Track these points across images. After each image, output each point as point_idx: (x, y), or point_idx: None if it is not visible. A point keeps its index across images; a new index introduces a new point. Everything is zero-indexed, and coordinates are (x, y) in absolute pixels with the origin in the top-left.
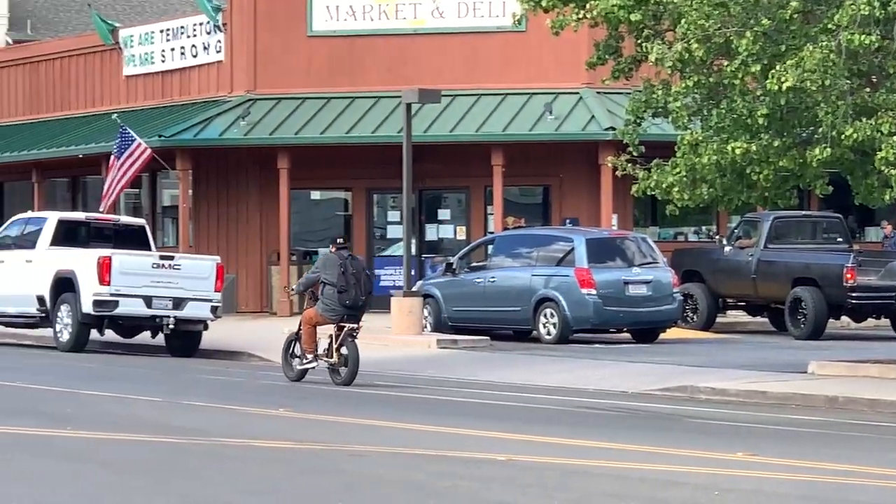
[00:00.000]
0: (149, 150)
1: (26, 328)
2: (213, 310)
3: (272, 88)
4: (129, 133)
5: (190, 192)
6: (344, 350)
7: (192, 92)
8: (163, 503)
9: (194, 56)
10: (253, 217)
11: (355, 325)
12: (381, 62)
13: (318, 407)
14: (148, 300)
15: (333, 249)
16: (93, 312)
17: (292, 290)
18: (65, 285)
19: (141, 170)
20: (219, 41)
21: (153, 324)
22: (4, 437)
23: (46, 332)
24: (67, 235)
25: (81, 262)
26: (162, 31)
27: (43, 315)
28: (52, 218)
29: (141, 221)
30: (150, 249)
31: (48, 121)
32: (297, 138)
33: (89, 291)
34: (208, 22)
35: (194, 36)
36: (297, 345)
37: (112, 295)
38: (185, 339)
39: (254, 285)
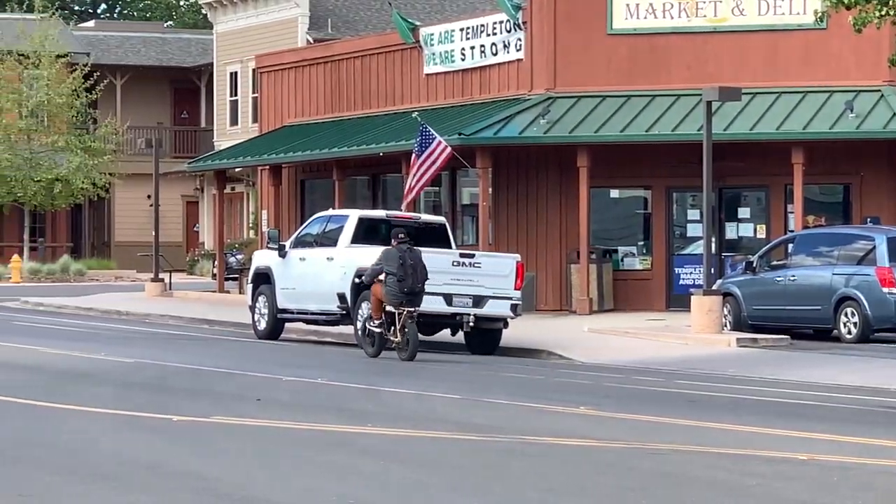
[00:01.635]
0: (449, 149)
1: (327, 325)
2: (513, 308)
3: (572, 86)
4: (429, 131)
5: (490, 190)
6: (406, 331)
7: (492, 90)
8: (466, 500)
9: (494, 54)
10: (552, 215)
11: (413, 309)
12: (681, 60)
13: (619, 405)
14: (448, 298)
15: (395, 244)
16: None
17: (362, 280)
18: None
19: (441, 168)
20: (519, 39)
21: (453, 321)
22: (308, 433)
23: (347, 329)
24: (368, 233)
25: None
26: (462, 30)
27: (344, 312)
28: (353, 216)
29: (441, 219)
30: (450, 247)
31: (349, 119)
32: (597, 136)
33: None
34: (508, 20)
35: (494, 34)
36: (370, 320)
37: None
38: (485, 337)
39: (553, 283)
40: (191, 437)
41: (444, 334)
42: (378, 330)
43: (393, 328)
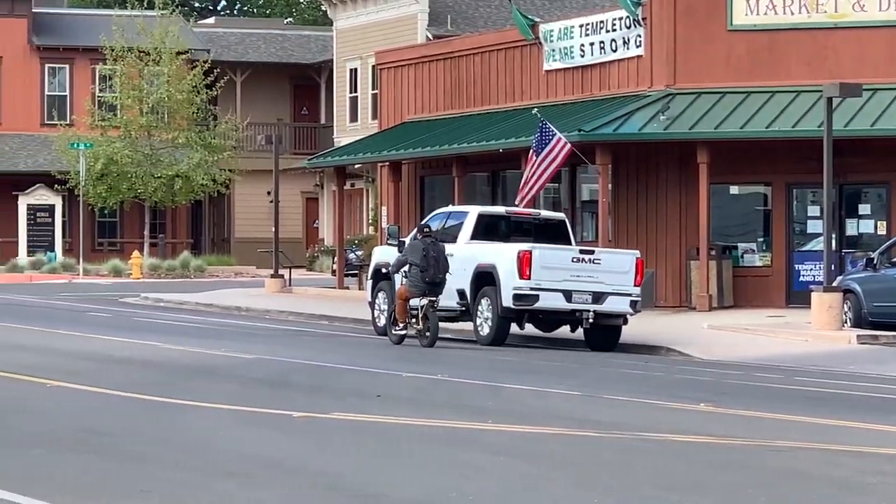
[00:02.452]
0: (569, 145)
1: (447, 321)
2: (633, 304)
3: (691, 83)
4: (549, 128)
5: (609, 186)
6: (428, 319)
7: (612, 86)
8: (585, 496)
9: (614, 50)
10: (672, 212)
11: (435, 298)
12: (802, 56)
13: (738, 402)
14: (568, 294)
15: (419, 237)
16: (513, 306)
17: (389, 269)
18: (485, 279)
19: (561, 165)
20: (638, 36)
21: (573, 318)
22: (428, 430)
23: (466, 325)
24: (488, 229)
25: (502, 255)
26: (581, 26)
27: (463, 308)
28: (473, 212)
29: (560, 216)
30: (569, 244)
31: (468, 115)
32: (717, 133)
33: (510, 285)
34: (628, 16)
35: (614, 30)
36: (395, 317)
37: (533, 289)
38: (604, 334)
39: (672, 280)
40: (311, 433)
41: (563, 330)
42: (401, 331)
43: (415, 316)
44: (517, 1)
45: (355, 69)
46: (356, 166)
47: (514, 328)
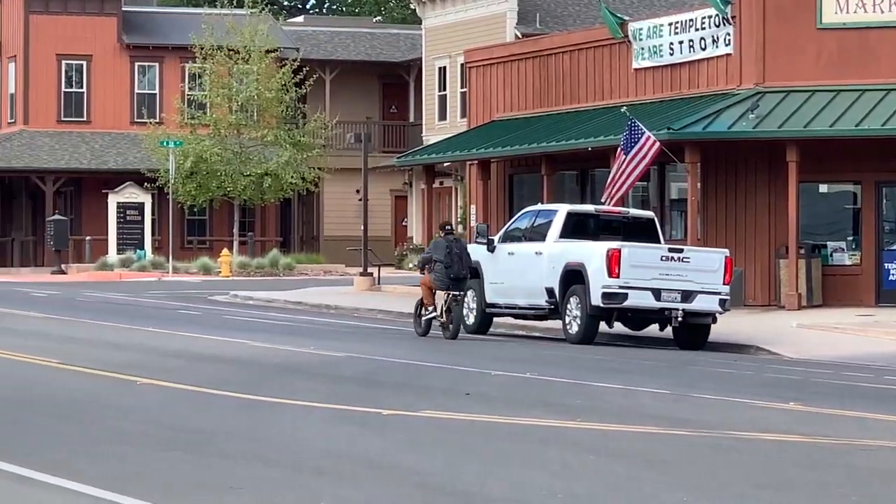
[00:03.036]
0: (658, 144)
1: (535, 320)
2: (722, 303)
3: (781, 81)
4: (637, 126)
5: (698, 184)
6: (451, 312)
7: (701, 85)
8: (675, 495)
9: (703, 49)
10: (761, 210)
11: (458, 293)
12: (892, 54)
13: (828, 401)
14: (657, 293)
15: (442, 235)
16: (602, 305)
17: (415, 265)
18: (574, 277)
19: (651, 163)
20: (727, 34)
21: (661, 316)
22: (517, 427)
23: (555, 324)
24: (576, 228)
25: (591, 254)
26: (670, 24)
27: (552, 307)
28: (562, 210)
29: (649, 214)
30: (658, 242)
31: (557, 114)
32: (806, 131)
33: (598, 283)
34: (717, 15)
35: (703, 28)
36: (422, 307)
37: (621, 287)
38: (693, 332)
39: (761, 278)
40: (401, 430)
41: (652, 329)
42: (430, 316)
43: (440, 308)
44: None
45: (444, 67)
46: (445, 164)
47: (602, 326)
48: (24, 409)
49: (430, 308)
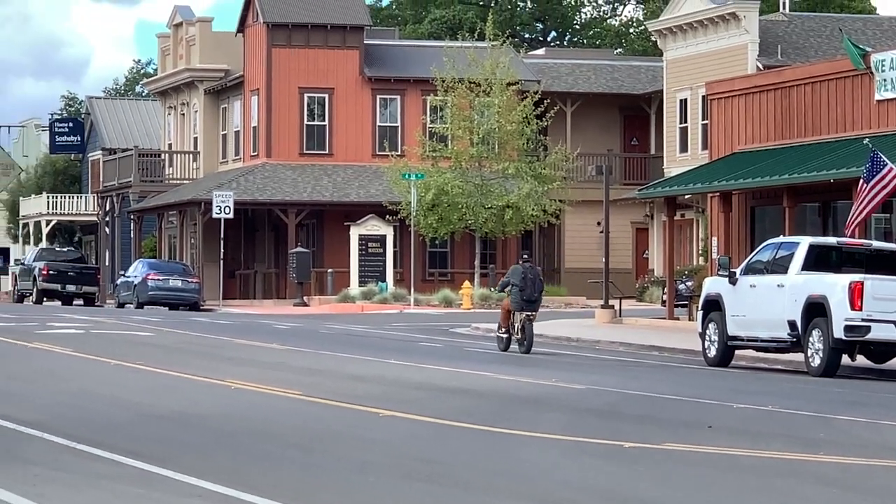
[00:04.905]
0: None
1: (777, 353)
2: None
3: None
4: (880, 157)
5: None
6: (525, 330)
7: None
8: None
9: None
10: None
11: (531, 313)
12: None
13: None
14: None
15: (520, 263)
16: (844, 337)
17: (495, 289)
18: (816, 310)
19: (890, 194)
20: None
21: None
22: (758, 461)
23: (796, 356)
24: (819, 260)
25: (833, 286)
26: None
27: (794, 340)
28: (804, 242)
29: (893, 247)
30: None
31: (799, 145)
32: None
33: (841, 316)
34: None
35: None
36: (498, 331)
37: (864, 320)
38: None
39: None
40: (642, 463)
41: None
42: (504, 335)
43: (515, 327)
44: (848, 30)
45: (685, 99)
46: (686, 197)
47: (844, 359)
48: (270, 441)
49: (504, 329)
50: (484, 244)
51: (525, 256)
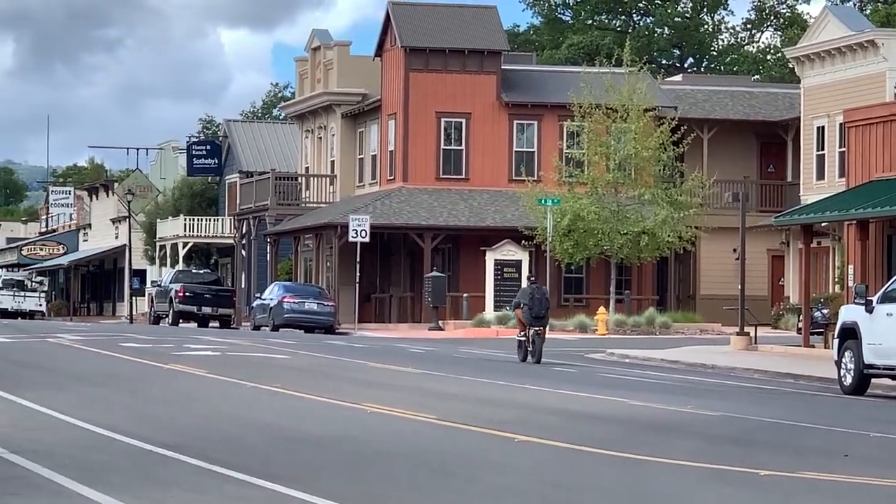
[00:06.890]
0: None
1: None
2: None
3: None
4: None
5: None
6: (534, 342)
7: None
8: None
9: None
10: None
11: (539, 328)
12: None
13: None
14: None
15: (528, 283)
16: None
17: (509, 308)
18: None
19: None
20: None
21: None
22: (893, 490)
23: None
24: None
25: None
26: None
27: None
28: None
29: None
30: None
31: None
32: None
33: None
34: None
35: None
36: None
37: None
38: None
39: None
40: (778, 491)
41: None
42: (522, 339)
43: (527, 338)
44: None
45: (822, 127)
46: (822, 224)
47: None
48: (405, 464)
49: (522, 333)
50: (619, 270)
51: (532, 278)
